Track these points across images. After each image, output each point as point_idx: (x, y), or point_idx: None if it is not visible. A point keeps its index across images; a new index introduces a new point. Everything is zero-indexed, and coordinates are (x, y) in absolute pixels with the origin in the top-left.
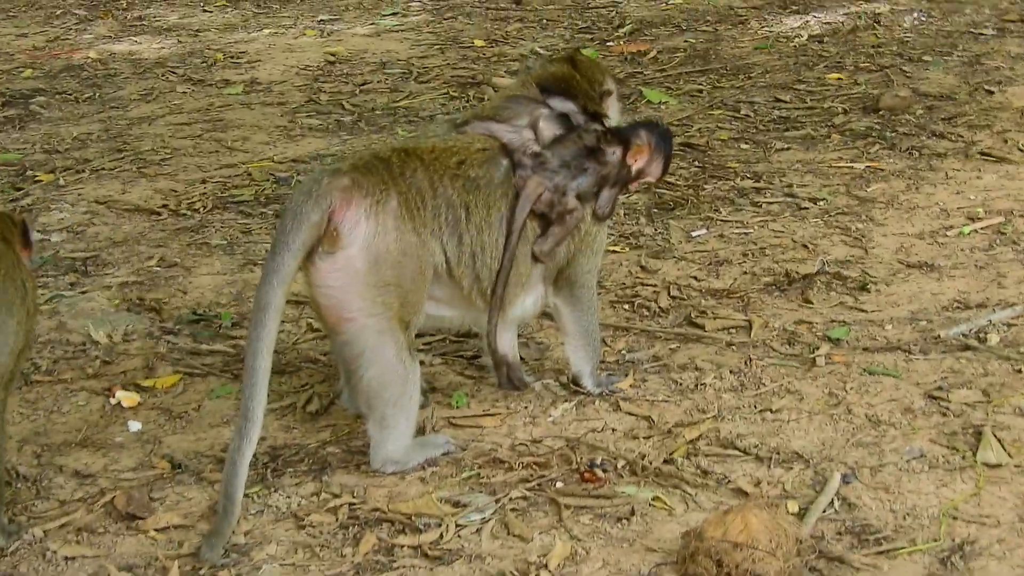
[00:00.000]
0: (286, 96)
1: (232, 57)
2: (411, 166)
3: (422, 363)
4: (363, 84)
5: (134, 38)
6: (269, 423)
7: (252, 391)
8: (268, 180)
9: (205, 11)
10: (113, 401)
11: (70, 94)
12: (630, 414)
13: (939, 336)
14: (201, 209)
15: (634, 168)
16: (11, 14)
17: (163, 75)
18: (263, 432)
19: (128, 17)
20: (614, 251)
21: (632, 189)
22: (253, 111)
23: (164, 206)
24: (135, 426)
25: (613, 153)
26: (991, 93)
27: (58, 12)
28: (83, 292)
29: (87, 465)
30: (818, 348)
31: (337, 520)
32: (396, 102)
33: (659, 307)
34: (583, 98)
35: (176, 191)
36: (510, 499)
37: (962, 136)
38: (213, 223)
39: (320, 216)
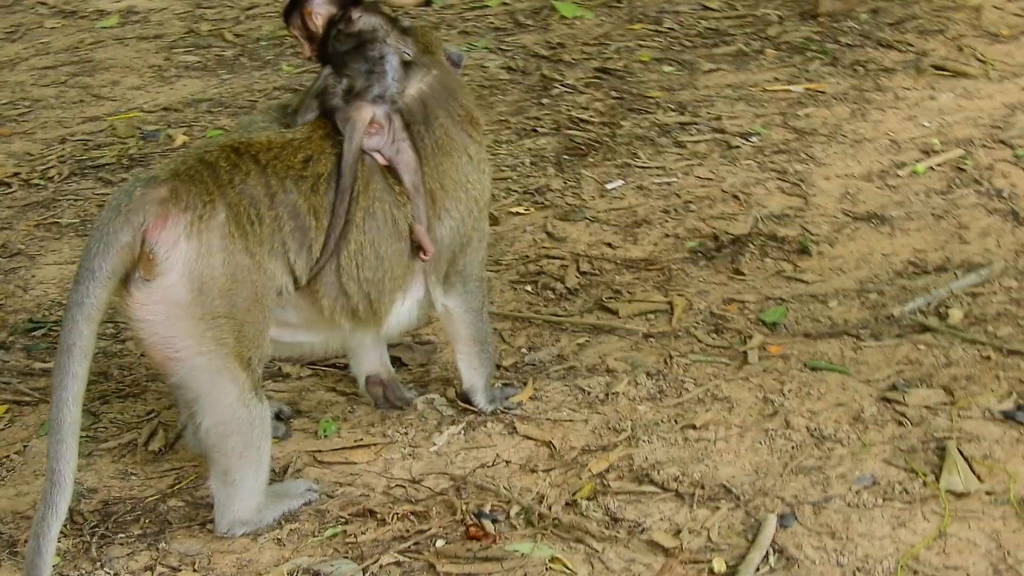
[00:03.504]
0: (164, 27)
1: None
2: (243, 169)
3: (287, 376)
4: (249, 8)
5: None
6: (104, 467)
7: (59, 449)
8: (134, 136)
9: None
10: None
11: None
12: (528, 438)
13: (892, 315)
14: (56, 177)
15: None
16: None
17: (32, 7)
18: (96, 481)
19: None
20: (517, 213)
21: None
22: (127, 47)
23: (16, 175)
24: None
25: (360, 16)
26: None
27: None
28: None
29: None
30: (751, 337)
31: None
32: (283, 29)
33: (566, 287)
34: None
35: (31, 154)
36: (380, 567)
37: (912, 45)
38: (67, 195)
39: (131, 236)
